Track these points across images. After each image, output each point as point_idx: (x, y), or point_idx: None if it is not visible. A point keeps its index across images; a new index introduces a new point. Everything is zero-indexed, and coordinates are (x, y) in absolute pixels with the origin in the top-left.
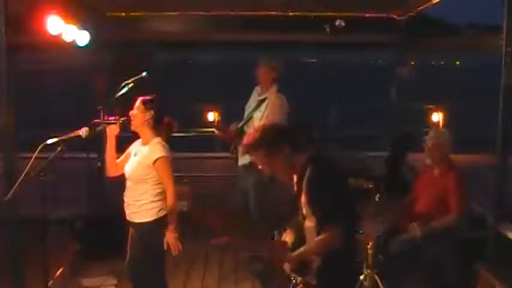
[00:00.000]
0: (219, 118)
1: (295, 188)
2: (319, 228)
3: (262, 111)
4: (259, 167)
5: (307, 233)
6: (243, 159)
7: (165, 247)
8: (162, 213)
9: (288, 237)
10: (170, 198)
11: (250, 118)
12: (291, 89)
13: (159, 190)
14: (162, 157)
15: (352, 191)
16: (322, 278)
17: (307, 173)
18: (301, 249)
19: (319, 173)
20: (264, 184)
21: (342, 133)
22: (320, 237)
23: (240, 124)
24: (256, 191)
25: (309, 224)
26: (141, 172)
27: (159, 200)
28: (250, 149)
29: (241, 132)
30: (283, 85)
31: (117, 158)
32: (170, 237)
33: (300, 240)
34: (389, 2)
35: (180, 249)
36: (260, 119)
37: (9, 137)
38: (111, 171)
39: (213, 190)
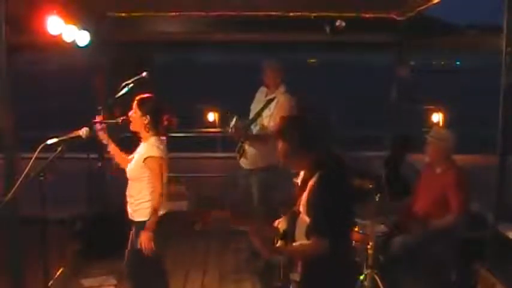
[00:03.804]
0: (236, 117)
1: (299, 185)
2: (310, 231)
3: (271, 109)
4: (278, 147)
5: (298, 226)
6: (247, 163)
7: (138, 245)
8: (159, 212)
9: (280, 224)
10: (155, 199)
11: (258, 116)
12: (291, 89)
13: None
14: (151, 156)
15: (354, 193)
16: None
17: (316, 176)
18: (288, 247)
19: (327, 180)
20: (268, 186)
21: (341, 133)
22: (305, 243)
23: (247, 122)
24: (260, 192)
25: (303, 218)
26: (136, 170)
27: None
28: (282, 131)
29: (247, 131)
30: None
31: (123, 154)
32: (144, 236)
33: (292, 229)
34: (389, 2)
35: (152, 249)
36: (269, 118)
37: (10, 137)
38: (125, 165)
39: (213, 190)
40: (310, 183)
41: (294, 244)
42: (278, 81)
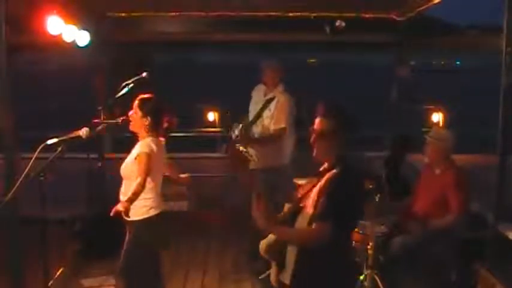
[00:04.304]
0: (242, 125)
1: (316, 176)
2: (313, 219)
3: (271, 110)
4: (315, 127)
5: (300, 218)
6: (252, 164)
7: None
8: (152, 212)
9: (282, 212)
10: (135, 186)
11: (259, 117)
12: (291, 88)
13: (149, 188)
14: (142, 152)
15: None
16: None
17: (337, 170)
18: (288, 228)
19: (347, 177)
20: (269, 187)
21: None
22: (310, 227)
23: (248, 124)
24: (265, 191)
25: (307, 211)
26: (129, 169)
27: (149, 199)
28: (327, 112)
29: (249, 133)
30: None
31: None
32: (120, 204)
33: (291, 219)
34: (389, 2)
35: (123, 211)
36: (270, 118)
37: (10, 137)
38: None
39: (213, 190)
40: (328, 175)
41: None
42: (277, 80)
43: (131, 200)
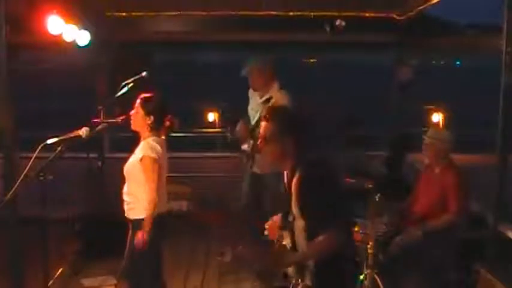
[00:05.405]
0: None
1: (286, 186)
2: (311, 231)
3: None
4: (261, 135)
5: (296, 232)
6: (256, 168)
7: (134, 244)
8: (155, 211)
9: (285, 240)
10: (148, 201)
11: (259, 120)
12: (291, 89)
13: None
14: (146, 156)
15: (350, 191)
16: (318, 281)
17: (297, 175)
18: (300, 252)
19: (310, 177)
20: (281, 193)
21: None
22: (318, 240)
23: (251, 128)
24: (273, 198)
25: (299, 223)
26: (131, 169)
27: None
28: (269, 116)
29: (251, 135)
30: (283, 85)
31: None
32: (139, 235)
33: (295, 240)
34: (389, 1)
35: (143, 246)
36: None
37: (9, 137)
38: None
39: (213, 190)
40: (294, 181)
41: (303, 250)
42: (269, 80)
43: (151, 212)
